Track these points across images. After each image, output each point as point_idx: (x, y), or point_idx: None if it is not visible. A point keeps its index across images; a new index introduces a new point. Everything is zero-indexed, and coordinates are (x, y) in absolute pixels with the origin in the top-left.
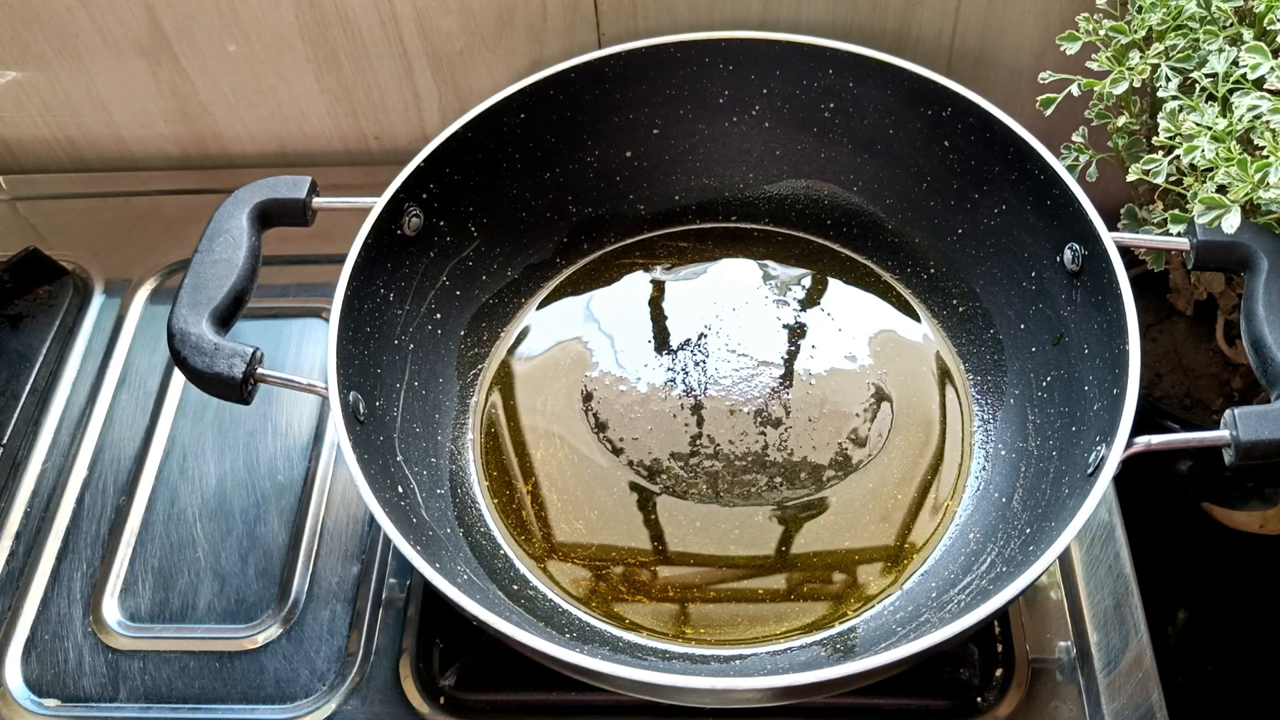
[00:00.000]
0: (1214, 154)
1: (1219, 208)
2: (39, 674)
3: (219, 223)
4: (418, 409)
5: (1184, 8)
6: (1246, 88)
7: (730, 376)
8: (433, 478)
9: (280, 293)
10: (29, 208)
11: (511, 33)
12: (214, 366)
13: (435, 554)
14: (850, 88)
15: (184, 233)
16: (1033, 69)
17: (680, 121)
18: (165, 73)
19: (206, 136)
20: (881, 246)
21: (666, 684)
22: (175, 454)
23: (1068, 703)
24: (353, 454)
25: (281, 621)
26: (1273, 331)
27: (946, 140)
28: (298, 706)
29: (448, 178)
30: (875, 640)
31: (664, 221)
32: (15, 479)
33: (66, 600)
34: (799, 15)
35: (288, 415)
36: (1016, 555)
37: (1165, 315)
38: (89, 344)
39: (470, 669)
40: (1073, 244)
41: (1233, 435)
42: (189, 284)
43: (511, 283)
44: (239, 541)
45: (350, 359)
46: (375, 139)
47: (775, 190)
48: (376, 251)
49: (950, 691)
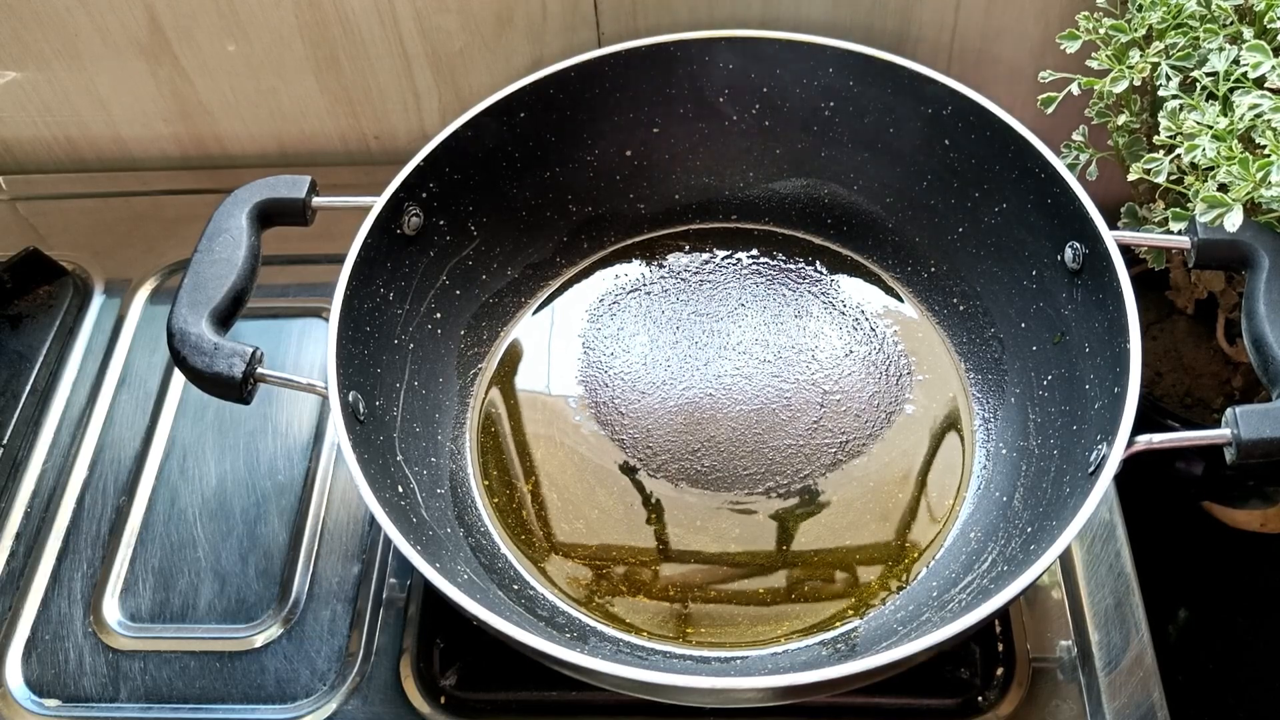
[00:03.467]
0: (1215, 153)
1: (1221, 206)
2: (39, 674)
3: (219, 222)
4: (418, 408)
5: (1184, 6)
6: (1247, 86)
7: (730, 375)
8: (433, 477)
9: (280, 292)
10: (29, 208)
11: (511, 32)
12: (214, 366)
13: (435, 554)
14: (850, 86)
15: (184, 232)
16: (1033, 67)
17: (680, 121)
18: (165, 73)
19: (206, 136)
20: (882, 245)
21: (667, 684)
22: (175, 454)
23: (1069, 701)
24: (352, 454)
25: (282, 621)
26: (1273, 330)
27: (947, 139)
28: (298, 706)
29: (447, 177)
30: (876, 640)
31: (664, 221)
32: (15, 479)
33: (67, 600)
34: (799, 14)
35: (288, 415)
36: (1017, 554)
37: (1166, 314)
38: (89, 344)
39: (470, 669)
40: (1073, 242)
41: (1234, 434)
42: (189, 284)
43: (511, 282)
44: (239, 541)
45: (350, 358)
46: (375, 138)
47: (775, 189)
48: (376, 251)
49: (951, 691)
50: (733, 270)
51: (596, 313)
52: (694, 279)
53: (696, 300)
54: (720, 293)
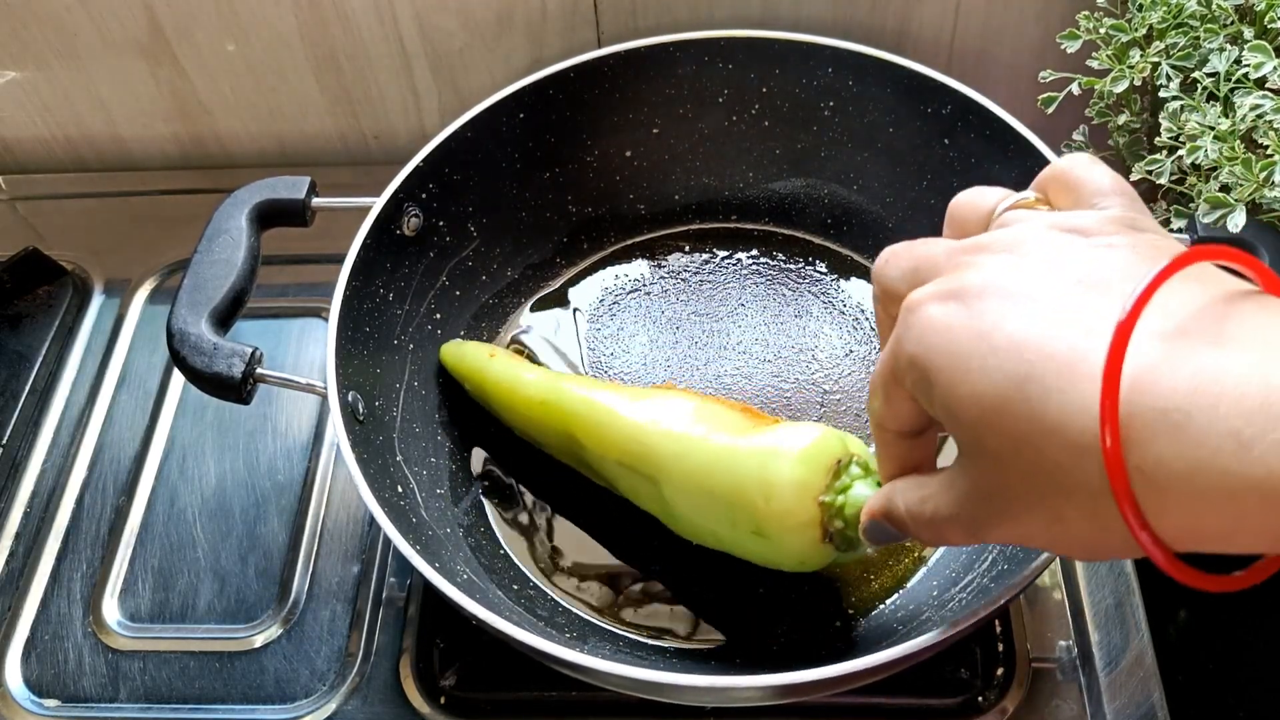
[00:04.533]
0: (1217, 154)
1: (1224, 207)
2: (39, 674)
3: (218, 223)
4: (417, 409)
5: (1184, 6)
6: (1249, 87)
7: (730, 375)
8: (433, 478)
9: (280, 293)
10: (28, 208)
11: (511, 32)
12: (213, 366)
13: (435, 554)
14: (850, 86)
15: (183, 233)
16: (1033, 67)
17: (680, 121)
18: (164, 72)
19: (206, 136)
20: (882, 245)
21: (667, 683)
22: (175, 454)
23: (1069, 701)
24: (352, 454)
25: (281, 621)
26: None
27: (947, 138)
28: (298, 707)
29: (447, 177)
30: (876, 638)
31: (664, 221)
32: (15, 479)
33: (66, 600)
34: (799, 13)
35: (287, 415)
36: (1018, 553)
37: None
38: (88, 344)
39: (470, 669)
40: None
41: None
42: (188, 284)
43: (511, 283)
44: (239, 541)
45: (349, 359)
46: (375, 138)
47: (775, 189)
48: (376, 251)
49: (951, 691)
50: (733, 270)
51: (596, 313)
52: (694, 279)
53: (696, 300)
54: (720, 293)
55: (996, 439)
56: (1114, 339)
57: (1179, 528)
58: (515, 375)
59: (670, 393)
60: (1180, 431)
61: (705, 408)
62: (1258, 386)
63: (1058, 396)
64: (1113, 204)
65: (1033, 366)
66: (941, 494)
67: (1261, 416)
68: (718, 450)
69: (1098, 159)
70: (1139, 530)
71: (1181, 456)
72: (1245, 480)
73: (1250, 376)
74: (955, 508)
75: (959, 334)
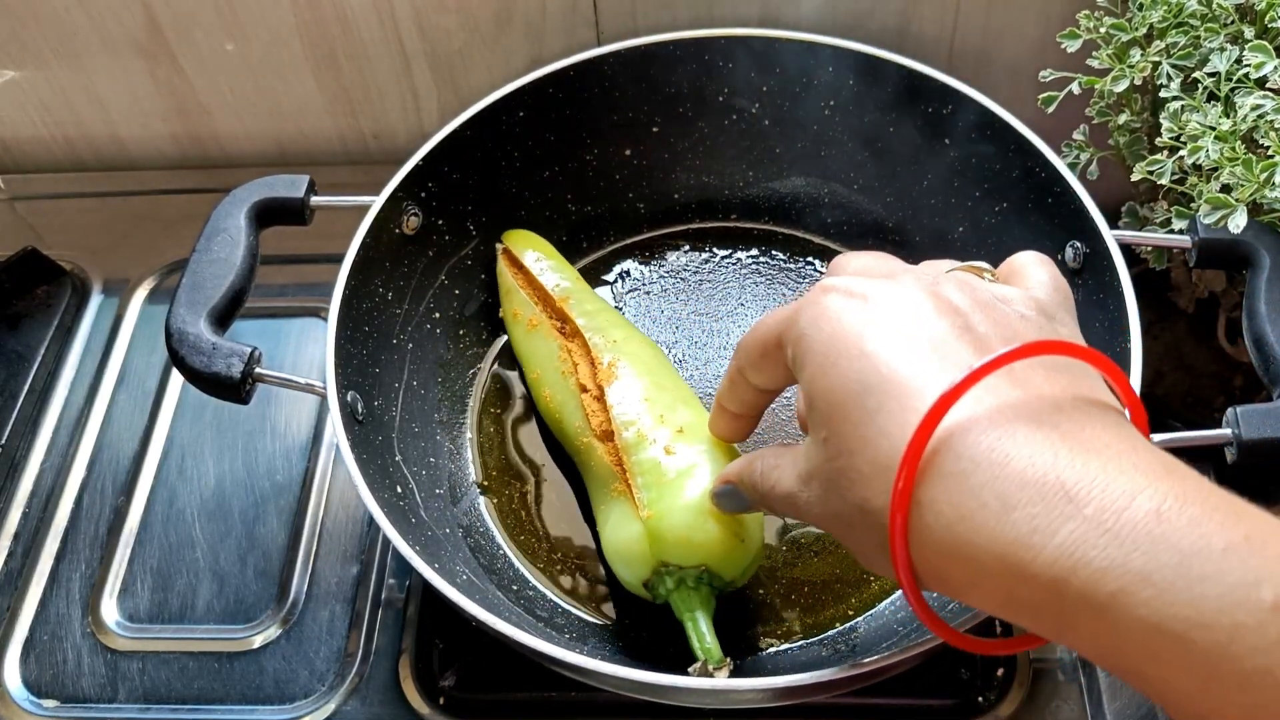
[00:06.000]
0: (1218, 154)
1: (1225, 208)
2: (38, 675)
3: (217, 222)
4: (416, 408)
5: (1185, 5)
6: (1249, 86)
7: None
8: (432, 478)
9: (278, 292)
10: (27, 207)
11: (510, 31)
12: (212, 366)
13: (435, 554)
14: (850, 85)
15: (182, 232)
16: (1033, 66)
17: (680, 120)
18: (163, 72)
19: (204, 136)
20: (882, 245)
21: (666, 684)
22: (174, 454)
23: (1069, 702)
24: (351, 454)
25: (281, 622)
26: (1274, 329)
27: (947, 138)
28: (297, 707)
29: (446, 176)
30: (876, 640)
31: (664, 220)
32: (14, 479)
33: (65, 601)
34: (799, 12)
35: (286, 415)
36: None
37: (1166, 313)
38: (87, 344)
39: (470, 669)
40: (1074, 242)
41: (1235, 434)
42: (187, 283)
43: None
44: (238, 542)
45: (349, 358)
46: (374, 138)
47: (775, 189)
48: (375, 250)
49: (951, 691)
50: (733, 270)
51: None
52: (694, 278)
53: (696, 300)
54: (720, 292)
55: (835, 436)
56: (955, 385)
57: (931, 564)
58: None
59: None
60: (963, 479)
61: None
62: (1043, 469)
63: (884, 415)
64: (1043, 292)
65: (882, 380)
66: (788, 469)
67: (1032, 491)
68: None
69: (1051, 261)
70: (899, 549)
71: (952, 502)
72: (995, 539)
73: (1041, 459)
74: (792, 485)
75: (842, 329)
